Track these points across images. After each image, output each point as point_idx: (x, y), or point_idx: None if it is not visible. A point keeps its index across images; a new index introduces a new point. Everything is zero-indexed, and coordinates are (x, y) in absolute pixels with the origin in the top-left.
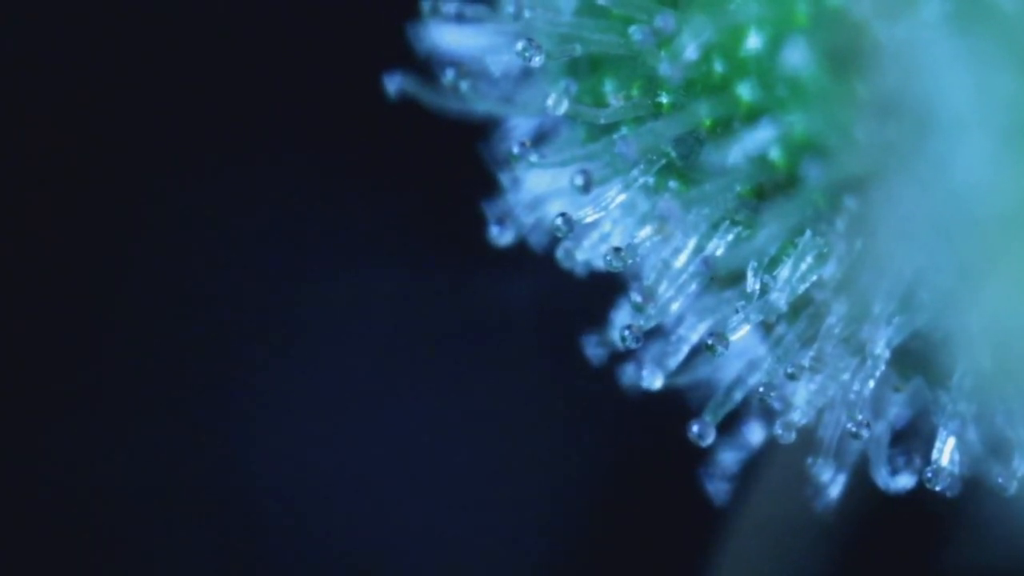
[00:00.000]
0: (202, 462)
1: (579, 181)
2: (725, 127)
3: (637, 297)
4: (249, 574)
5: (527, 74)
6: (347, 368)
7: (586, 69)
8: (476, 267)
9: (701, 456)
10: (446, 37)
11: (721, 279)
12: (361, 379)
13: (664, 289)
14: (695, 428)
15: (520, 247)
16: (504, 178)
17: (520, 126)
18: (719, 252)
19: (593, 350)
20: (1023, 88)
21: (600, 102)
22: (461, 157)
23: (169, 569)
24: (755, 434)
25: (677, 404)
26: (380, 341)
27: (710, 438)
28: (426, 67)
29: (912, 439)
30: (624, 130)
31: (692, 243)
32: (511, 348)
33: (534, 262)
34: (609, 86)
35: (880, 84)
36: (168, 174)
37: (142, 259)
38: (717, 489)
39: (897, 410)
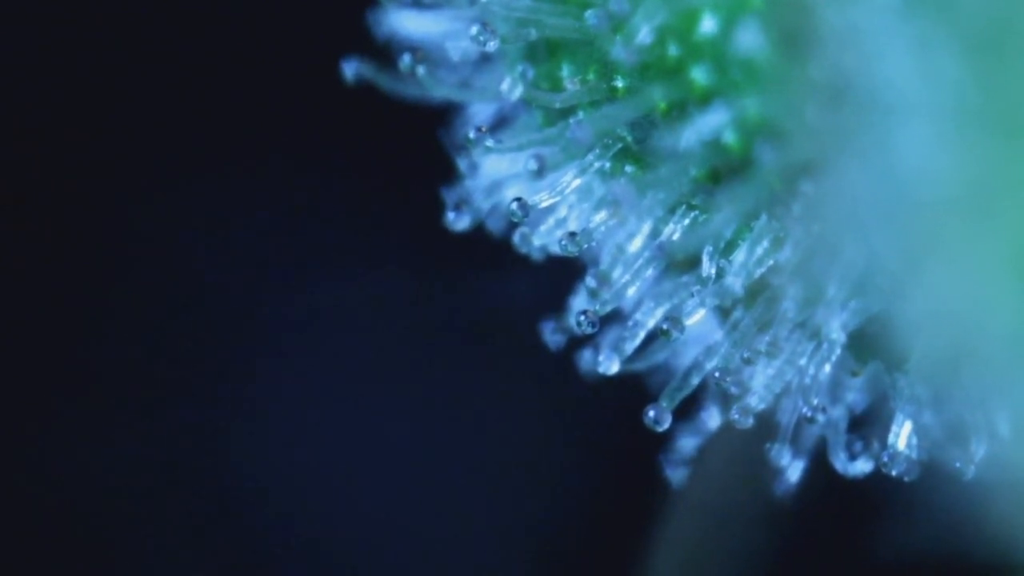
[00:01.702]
0: (198, 463)
1: (533, 166)
2: (680, 111)
3: (592, 282)
4: (243, 573)
5: (486, 59)
6: (342, 369)
7: (544, 54)
8: (472, 267)
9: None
10: (405, 23)
11: (679, 263)
12: (356, 380)
13: (619, 274)
14: (651, 413)
15: (513, 249)
16: (462, 163)
17: (481, 112)
18: (675, 236)
19: (551, 336)
20: (968, 73)
21: (557, 87)
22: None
23: (162, 567)
24: (713, 419)
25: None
26: (375, 341)
27: (666, 423)
28: (386, 53)
29: (870, 424)
30: (580, 115)
31: (647, 227)
32: (507, 348)
33: (531, 262)
34: (566, 71)
35: (829, 67)
36: (166, 176)
37: (137, 261)
38: (675, 474)
39: (855, 395)
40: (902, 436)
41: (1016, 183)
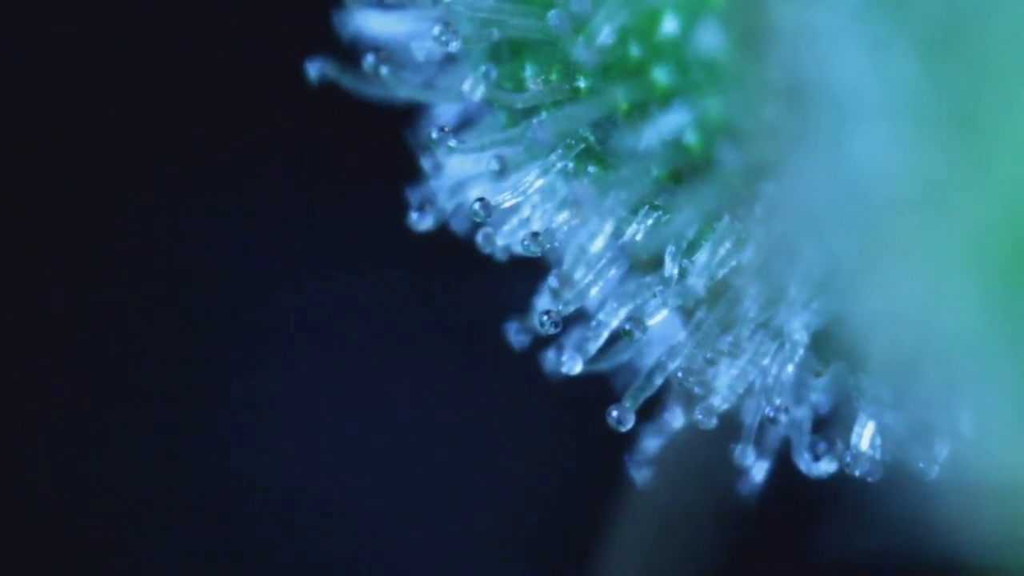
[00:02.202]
0: (194, 464)
1: (495, 166)
2: (642, 111)
3: (554, 282)
4: (242, 572)
5: (451, 60)
6: (337, 371)
7: (507, 55)
8: (468, 270)
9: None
10: (369, 23)
11: (642, 264)
12: (351, 381)
13: (582, 274)
14: (614, 413)
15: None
16: (425, 164)
17: (446, 113)
18: (638, 237)
19: (515, 336)
20: (923, 71)
21: (520, 87)
22: None
23: (161, 567)
24: (676, 419)
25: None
26: (373, 342)
27: (629, 423)
28: (352, 53)
29: (834, 424)
30: (543, 115)
31: (610, 227)
32: (501, 350)
33: (525, 265)
34: (529, 71)
35: (787, 67)
36: (163, 178)
37: (134, 264)
38: (639, 474)
39: (818, 395)
40: (865, 436)
41: (969, 180)
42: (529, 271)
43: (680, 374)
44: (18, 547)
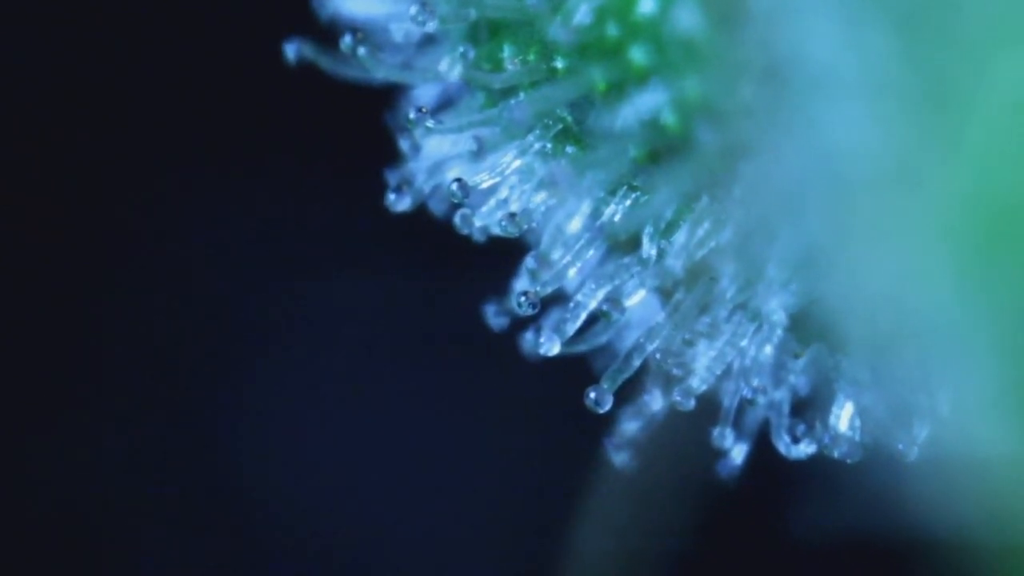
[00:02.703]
0: (192, 464)
1: (472, 146)
2: (619, 91)
3: (532, 263)
4: (240, 572)
5: (430, 41)
6: (336, 371)
7: (486, 35)
8: (465, 269)
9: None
10: (348, 4)
11: (621, 245)
12: (350, 381)
13: (560, 255)
14: (592, 395)
15: (507, 248)
16: (404, 145)
17: (426, 94)
18: (616, 218)
19: (494, 318)
20: (896, 49)
21: (499, 68)
22: None
23: (161, 569)
24: (656, 401)
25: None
26: (370, 343)
27: (607, 405)
28: (330, 34)
29: (813, 406)
30: (521, 96)
31: (587, 208)
32: (498, 350)
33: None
34: (507, 52)
35: (762, 46)
36: (161, 179)
37: (132, 264)
38: (619, 457)
39: (797, 377)
40: (844, 418)
41: (942, 156)
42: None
43: (659, 356)
44: (18, 550)
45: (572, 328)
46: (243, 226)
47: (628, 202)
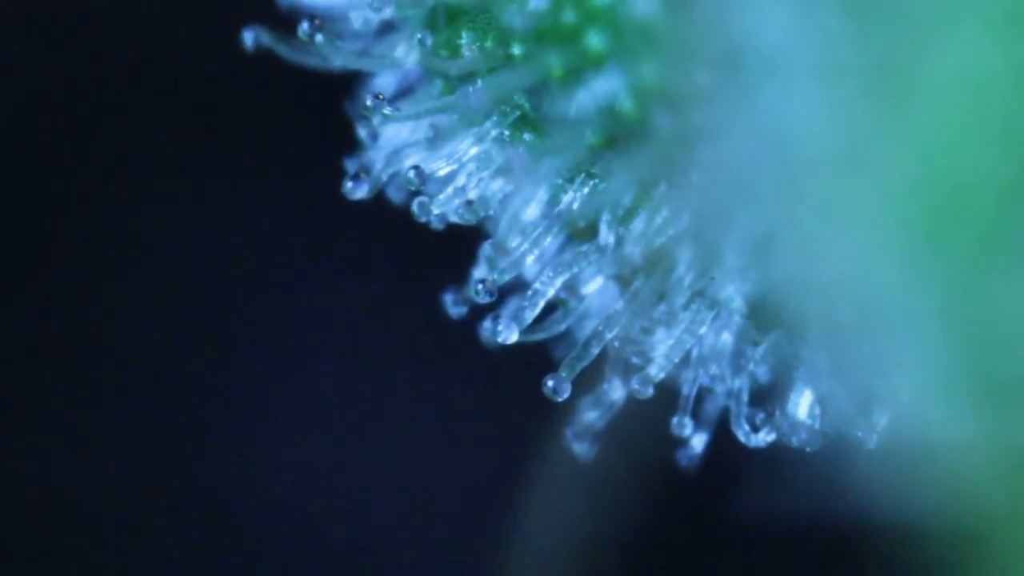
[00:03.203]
0: (192, 467)
1: (429, 134)
2: (576, 77)
3: (489, 251)
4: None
5: (389, 28)
6: (336, 373)
7: (444, 22)
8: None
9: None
10: None
11: (580, 232)
12: (350, 384)
13: (517, 243)
14: (550, 383)
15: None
16: (362, 132)
17: (387, 83)
18: (574, 205)
19: (453, 307)
20: (844, 31)
21: (456, 55)
22: None
23: (160, 571)
24: (616, 390)
25: (669, 414)
26: (370, 347)
27: (565, 393)
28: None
29: (773, 394)
30: (479, 82)
31: (545, 195)
32: (493, 355)
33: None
34: (465, 38)
35: (717, 30)
36: (160, 179)
37: (127, 269)
38: (581, 448)
39: (757, 365)
40: (803, 406)
41: (891, 139)
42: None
43: (617, 344)
44: (20, 549)
45: (530, 316)
46: (245, 229)
47: (586, 189)
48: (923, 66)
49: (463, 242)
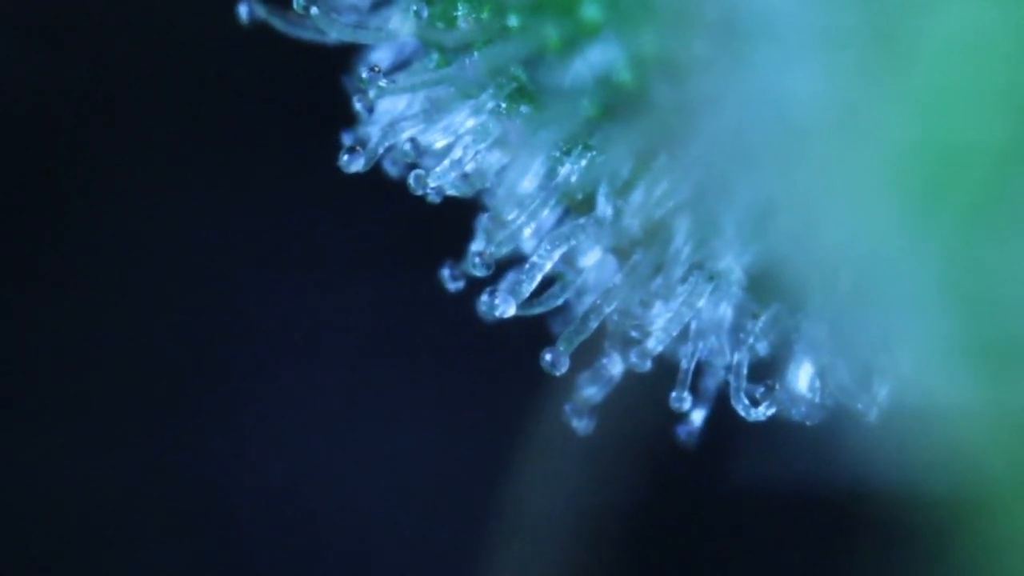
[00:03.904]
0: (189, 469)
1: (425, 106)
2: (572, 47)
3: (485, 223)
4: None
5: (385, 0)
6: (336, 375)
7: None
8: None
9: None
10: None
11: (578, 205)
12: (351, 386)
13: (514, 215)
14: (548, 357)
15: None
16: (358, 106)
17: (384, 57)
18: (572, 177)
19: (451, 282)
20: None
21: (453, 26)
22: None
23: (155, 572)
24: (615, 365)
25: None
26: (368, 349)
27: (564, 367)
28: None
29: (773, 367)
30: (475, 54)
31: (542, 167)
32: (496, 356)
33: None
34: (461, 9)
35: None
36: (161, 180)
37: (129, 268)
38: (580, 423)
39: (756, 338)
40: (803, 378)
41: (890, 103)
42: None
43: (616, 317)
44: (18, 553)
45: (528, 289)
46: (244, 230)
47: (584, 161)
48: (921, 29)
49: (460, 219)
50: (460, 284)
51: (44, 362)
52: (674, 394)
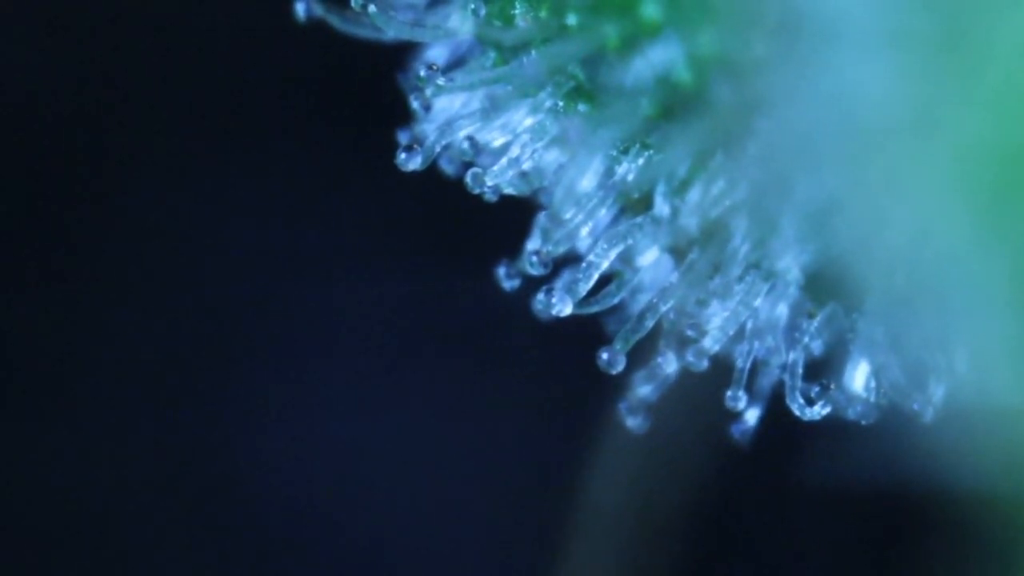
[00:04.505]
0: (200, 466)
1: (483, 104)
2: (632, 47)
3: (544, 222)
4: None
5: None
6: (341, 373)
7: None
8: (475, 270)
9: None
10: None
11: (634, 204)
12: (355, 384)
13: (572, 214)
14: (604, 356)
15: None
16: (415, 104)
17: (439, 55)
18: (629, 176)
19: (506, 280)
20: None
21: (510, 24)
22: None
23: (160, 570)
24: (670, 364)
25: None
26: (376, 346)
27: (620, 366)
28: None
29: (829, 366)
30: (533, 52)
31: (600, 166)
32: (508, 352)
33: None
34: (519, 8)
35: None
36: (168, 177)
37: (134, 264)
38: (634, 421)
39: (812, 337)
40: (859, 378)
41: (958, 101)
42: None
43: (672, 316)
44: (24, 550)
45: (584, 288)
46: (252, 226)
47: (641, 160)
48: (991, 30)
49: (502, 217)
50: (515, 282)
51: (61, 357)
52: (729, 393)
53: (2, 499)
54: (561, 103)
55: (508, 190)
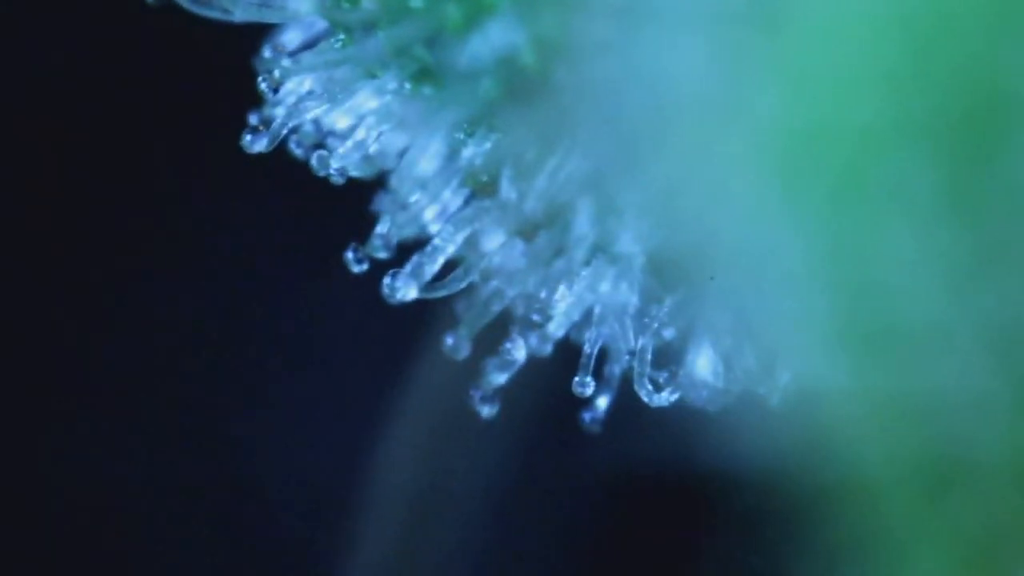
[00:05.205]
0: (198, 466)
1: (328, 86)
2: (472, 26)
3: (387, 204)
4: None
5: None
6: (337, 373)
7: None
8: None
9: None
10: None
11: (483, 187)
12: (356, 386)
13: (416, 197)
14: (449, 341)
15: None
16: (263, 86)
17: (294, 38)
18: (478, 160)
19: (355, 265)
20: None
21: (356, 5)
22: None
23: (163, 570)
24: (519, 349)
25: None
26: (380, 346)
27: (464, 351)
28: None
29: (676, 353)
30: (379, 34)
31: (444, 149)
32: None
33: None
34: None
35: None
36: (170, 178)
37: (140, 264)
38: (485, 409)
39: (660, 323)
40: (704, 364)
41: (760, 82)
42: None
43: (519, 301)
44: (24, 550)
45: (430, 272)
46: (253, 229)
47: (488, 143)
48: (794, 10)
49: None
50: (364, 266)
51: (56, 356)
52: (577, 379)
53: (2, 499)
54: (407, 85)
55: (354, 173)
